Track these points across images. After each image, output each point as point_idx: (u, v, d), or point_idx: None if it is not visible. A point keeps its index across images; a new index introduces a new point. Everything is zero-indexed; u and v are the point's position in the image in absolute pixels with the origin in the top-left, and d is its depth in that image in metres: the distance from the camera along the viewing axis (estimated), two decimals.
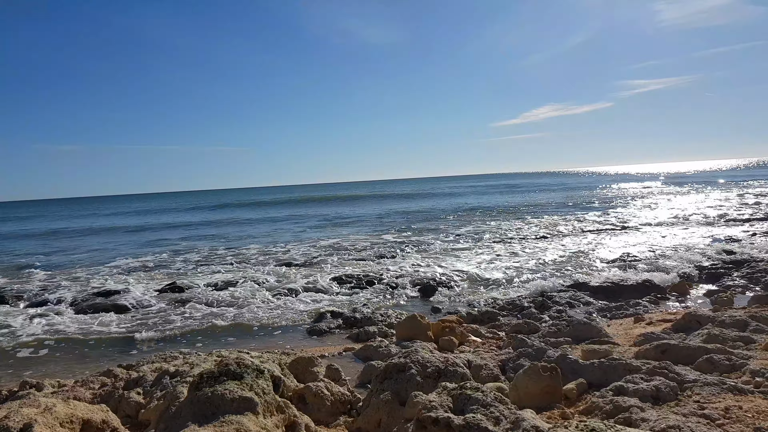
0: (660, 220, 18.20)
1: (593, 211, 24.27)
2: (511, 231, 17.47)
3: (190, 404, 2.86)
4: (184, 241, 19.58)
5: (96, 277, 12.22)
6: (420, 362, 3.57)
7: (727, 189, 34.79)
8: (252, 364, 3.10)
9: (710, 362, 3.81)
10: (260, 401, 2.84)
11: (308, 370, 4.33)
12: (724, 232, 13.94)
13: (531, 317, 6.96)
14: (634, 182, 54.29)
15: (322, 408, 3.65)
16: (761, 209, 19.77)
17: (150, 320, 7.99)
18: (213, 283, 10.50)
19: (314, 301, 8.72)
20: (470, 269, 10.66)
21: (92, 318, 8.26)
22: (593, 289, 8.29)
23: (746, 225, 15.32)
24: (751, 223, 15.63)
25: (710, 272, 9.01)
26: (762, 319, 5.06)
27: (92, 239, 23.03)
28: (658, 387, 3.27)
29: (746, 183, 39.86)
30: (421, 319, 6.05)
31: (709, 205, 23.49)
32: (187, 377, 3.80)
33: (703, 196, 30.07)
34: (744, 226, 15.17)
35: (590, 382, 3.72)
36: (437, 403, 2.70)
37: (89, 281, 11.60)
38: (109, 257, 16.00)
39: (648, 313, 6.90)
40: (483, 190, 46.03)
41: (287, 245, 16.43)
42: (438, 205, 32.52)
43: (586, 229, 16.75)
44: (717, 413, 2.87)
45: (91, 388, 4.67)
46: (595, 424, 2.09)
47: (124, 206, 62.65)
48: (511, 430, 2.31)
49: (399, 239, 16.77)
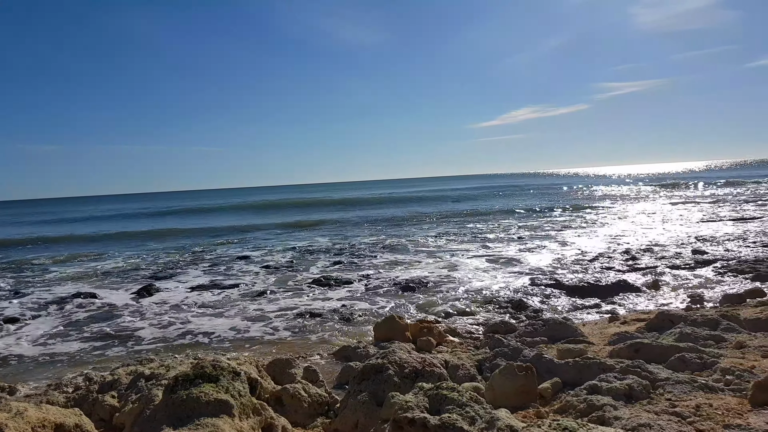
0: (634, 221, 18.49)
1: (570, 211, 24.56)
2: (489, 232, 17.59)
3: (164, 407, 2.84)
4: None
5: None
6: (397, 363, 3.58)
7: (700, 189, 35.50)
8: (228, 367, 3.08)
9: (682, 361, 3.88)
10: (236, 403, 2.82)
11: (286, 371, 4.31)
12: (696, 231, 14.21)
13: (508, 317, 7.03)
14: (611, 184, 55.03)
15: (299, 409, 3.64)
16: (735, 209, 20.18)
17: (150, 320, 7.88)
18: (188, 288, 10.38)
19: (292, 302, 8.68)
20: (447, 270, 10.72)
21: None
22: (569, 289, 8.40)
23: (719, 224, 15.62)
24: (724, 223, 15.95)
25: (683, 271, 9.17)
26: (732, 318, 5.17)
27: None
28: (631, 385, 3.32)
29: (719, 183, 40.64)
30: (399, 320, 6.07)
31: (682, 205, 23.93)
32: (163, 380, 3.76)
33: (676, 196, 30.62)
34: (717, 224, 15.47)
35: (565, 381, 3.77)
36: (414, 403, 2.71)
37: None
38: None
39: (622, 312, 7.02)
40: (462, 191, 46.23)
41: (264, 250, 16.28)
42: (413, 206, 32.56)
43: (563, 230, 16.94)
44: (688, 411, 2.93)
45: (64, 391, 4.59)
46: (568, 423, 2.12)
47: (87, 209, 59.81)
48: (486, 430, 2.33)
49: (373, 241, 16.76)
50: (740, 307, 6.07)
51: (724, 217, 17.61)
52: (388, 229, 20.40)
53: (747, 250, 10.73)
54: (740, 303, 6.64)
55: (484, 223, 20.63)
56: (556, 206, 28.88)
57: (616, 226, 17.17)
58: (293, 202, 40.24)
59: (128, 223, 32.03)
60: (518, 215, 24.14)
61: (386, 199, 38.92)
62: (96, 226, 31.44)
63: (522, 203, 32.94)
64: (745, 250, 10.75)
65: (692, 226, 15.71)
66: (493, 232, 17.50)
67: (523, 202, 33.95)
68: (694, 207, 22.84)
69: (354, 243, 16.35)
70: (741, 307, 6.07)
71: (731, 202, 24.09)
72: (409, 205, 32.80)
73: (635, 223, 17.98)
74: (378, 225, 22.27)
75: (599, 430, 2.09)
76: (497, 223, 20.59)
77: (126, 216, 37.95)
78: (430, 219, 24.17)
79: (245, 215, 32.73)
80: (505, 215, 24.56)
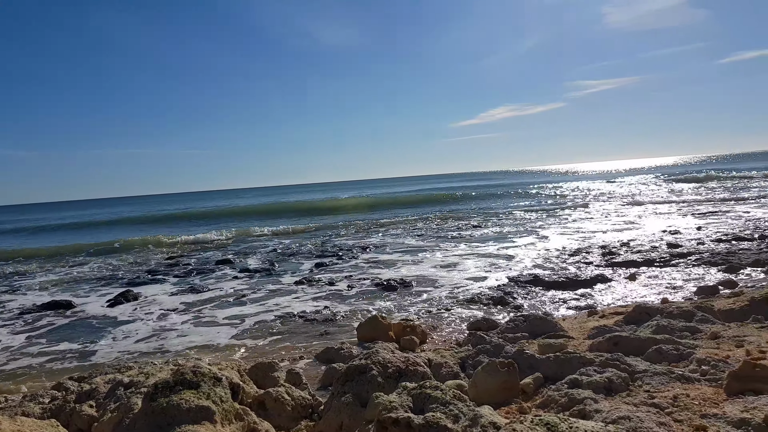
0: (610, 216, 18.76)
1: (548, 208, 24.82)
2: (469, 230, 17.69)
3: (144, 416, 2.80)
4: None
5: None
6: (381, 363, 3.58)
7: (673, 183, 36.14)
8: (209, 372, 3.05)
9: (659, 353, 3.95)
10: (218, 409, 2.79)
11: (268, 375, 4.29)
12: (671, 225, 14.45)
13: (490, 314, 7.08)
14: (587, 180, 55.69)
15: (282, 413, 3.62)
16: (704, 205, 20.58)
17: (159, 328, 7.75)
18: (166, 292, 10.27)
19: (274, 304, 8.63)
20: (430, 269, 10.76)
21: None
22: (549, 285, 8.49)
23: (693, 218, 15.92)
24: (697, 217, 16.25)
25: (659, 264, 9.33)
26: (707, 310, 5.27)
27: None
28: (611, 378, 3.37)
29: (694, 176, 41.39)
30: (382, 320, 6.08)
31: (658, 200, 24.35)
32: (142, 388, 3.71)
33: (650, 191, 31.13)
34: (690, 218, 15.77)
35: (547, 375, 3.81)
36: (397, 403, 2.71)
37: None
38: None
39: (601, 306, 7.11)
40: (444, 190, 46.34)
41: (246, 253, 16.16)
42: (394, 207, 32.57)
43: (542, 227, 17.11)
44: (666, 402, 2.98)
45: (40, 402, 4.50)
46: (549, 417, 2.14)
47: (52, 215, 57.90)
48: (470, 427, 2.34)
49: (355, 242, 16.76)
50: (714, 299, 6.19)
51: (697, 211, 17.95)
52: (369, 230, 20.38)
53: (720, 244, 10.94)
54: (714, 294, 6.79)
55: (465, 221, 20.73)
56: (534, 203, 29.17)
57: (594, 222, 17.40)
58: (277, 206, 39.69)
59: (102, 230, 31.35)
60: (498, 213, 24.31)
61: (369, 201, 38.83)
62: (69, 231, 30.95)
63: (501, 201, 33.23)
64: (717, 244, 10.96)
65: (667, 220, 16.00)
66: (473, 230, 17.59)
67: (502, 199, 34.23)
68: (668, 202, 23.25)
69: (336, 244, 16.31)
70: (715, 299, 6.19)
71: (704, 196, 24.58)
72: (391, 207, 32.78)
73: (612, 218, 18.24)
74: (360, 226, 22.24)
75: (580, 424, 2.11)
76: (477, 221, 20.70)
77: (97, 223, 36.78)
78: (411, 219, 24.22)
79: (228, 220, 32.31)
80: (484, 213, 24.72)
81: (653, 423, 2.61)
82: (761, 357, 3.59)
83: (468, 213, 25.61)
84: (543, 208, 24.70)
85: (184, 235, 21.61)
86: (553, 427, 2.11)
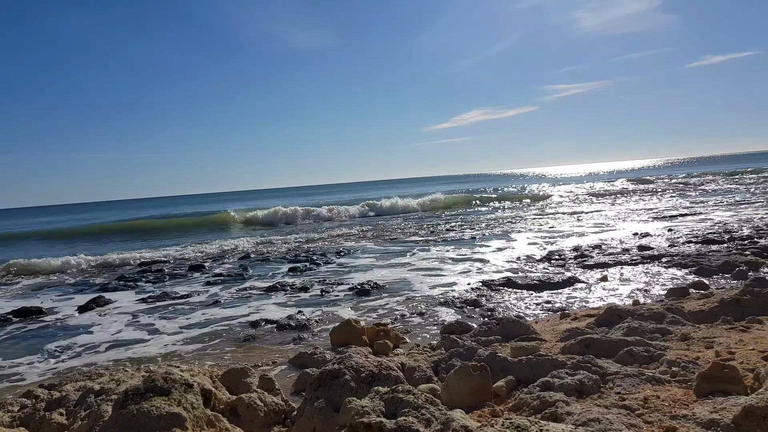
0: (583, 219, 19.03)
1: (520, 210, 25.07)
2: (442, 233, 17.78)
3: (114, 423, 2.75)
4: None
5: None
6: (354, 367, 3.57)
7: (642, 186, 36.80)
8: (180, 379, 3.01)
9: (630, 354, 4.01)
10: (189, 416, 2.76)
11: (241, 381, 4.24)
12: (642, 228, 14.72)
13: (463, 317, 7.12)
14: (559, 183, 56.41)
15: (255, 419, 3.58)
16: (675, 206, 21.00)
17: None
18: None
19: (247, 310, 8.55)
20: (403, 273, 10.78)
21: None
22: (522, 287, 8.57)
23: (664, 221, 16.23)
24: (667, 219, 16.58)
25: (630, 266, 9.48)
26: (677, 311, 5.37)
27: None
28: (582, 381, 3.41)
29: (662, 180, 42.23)
30: (356, 324, 6.06)
31: (628, 203, 24.79)
32: (113, 395, 3.65)
33: (624, 194, 31.68)
34: (662, 222, 16.08)
35: (519, 378, 3.83)
36: (370, 408, 2.71)
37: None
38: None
39: (573, 308, 7.19)
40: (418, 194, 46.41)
41: (218, 259, 15.98)
42: (368, 211, 32.46)
43: (515, 230, 17.26)
44: (636, 403, 3.03)
45: (9, 410, 4.39)
46: (520, 421, 2.16)
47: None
48: (442, 431, 2.35)
49: (327, 247, 16.71)
50: (684, 300, 6.31)
51: (669, 215, 18.30)
52: (342, 235, 20.33)
53: (690, 246, 11.17)
54: (685, 296, 6.91)
55: (439, 225, 20.80)
56: (507, 206, 29.43)
57: (566, 225, 17.63)
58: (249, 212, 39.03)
59: (68, 242, 30.08)
60: (471, 216, 24.48)
61: (342, 202, 38.61)
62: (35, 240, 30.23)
63: (474, 204, 33.44)
64: (688, 246, 11.19)
65: (639, 224, 16.28)
66: (445, 233, 17.68)
67: (476, 203, 34.43)
68: (640, 204, 23.67)
69: (309, 248, 16.24)
70: (685, 300, 6.31)
71: (677, 199, 25.08)
72: (365, 211, 32.63)
73: (584, 220, 18.50)
74: (333, 230, 22.17)
75: (550, 427, 2.13)
76: (450, 224, 20.80)
77: (56, 234, 35.10)
78: (384, 223, 24.23)
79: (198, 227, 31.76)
80: (457, 217, 24.87)
81: (623, 425, 2.64)
82: (730, 358, 3.67)
83: (441, 216, 25.74)
84: (516, 212, 24.94)
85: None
86: (524, 430, 2.13)
